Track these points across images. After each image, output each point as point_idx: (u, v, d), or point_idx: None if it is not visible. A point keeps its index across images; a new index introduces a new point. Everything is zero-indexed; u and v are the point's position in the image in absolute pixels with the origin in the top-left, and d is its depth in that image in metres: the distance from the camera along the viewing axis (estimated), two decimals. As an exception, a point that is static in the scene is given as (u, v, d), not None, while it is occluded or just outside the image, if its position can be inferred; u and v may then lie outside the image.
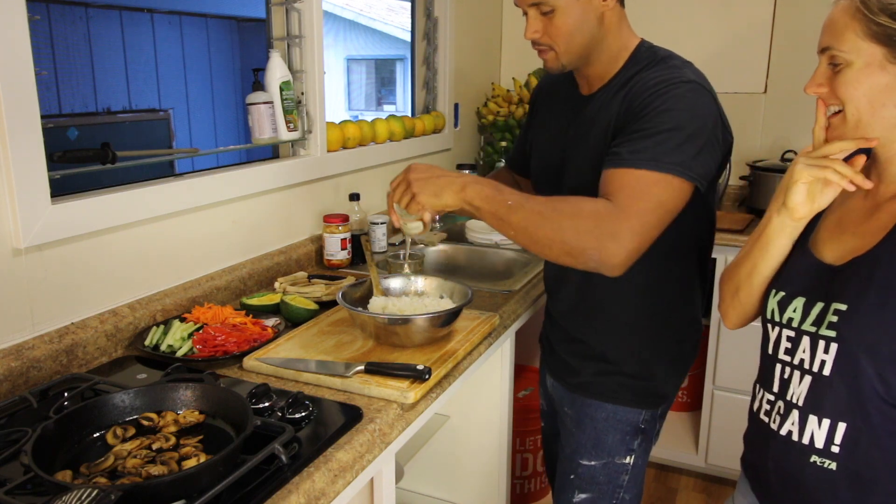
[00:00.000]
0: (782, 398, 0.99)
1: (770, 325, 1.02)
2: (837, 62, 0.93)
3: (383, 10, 8.75)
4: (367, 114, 6.21)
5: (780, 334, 1.00)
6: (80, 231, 1.32)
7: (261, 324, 1.46)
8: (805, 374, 0.96)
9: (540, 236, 1.12)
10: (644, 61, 1.27)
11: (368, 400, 1.17)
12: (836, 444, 0.93)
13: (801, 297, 0.98)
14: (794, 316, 0.98)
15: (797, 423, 0.96)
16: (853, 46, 0.91)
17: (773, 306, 1.02)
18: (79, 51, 4.16)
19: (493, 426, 1.81)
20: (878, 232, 0.93)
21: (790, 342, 0.98)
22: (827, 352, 0.93)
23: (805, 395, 0.95)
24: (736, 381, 2.46)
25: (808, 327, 0.96)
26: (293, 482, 0.94)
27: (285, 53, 1.87)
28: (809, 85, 0.98)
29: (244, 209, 1.75)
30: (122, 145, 1.47)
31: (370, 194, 2.23)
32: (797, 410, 0.96)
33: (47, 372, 1.24)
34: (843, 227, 1.00)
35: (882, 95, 0.91)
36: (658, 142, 1.13)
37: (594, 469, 1.42)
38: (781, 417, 0.99)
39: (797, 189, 0.96)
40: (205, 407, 1.07)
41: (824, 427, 0.94)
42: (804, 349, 0.96)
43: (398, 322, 1.32)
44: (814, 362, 0.94)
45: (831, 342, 0.92)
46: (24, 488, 0.87)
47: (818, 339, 0.94)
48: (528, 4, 1.25)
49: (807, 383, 0.95)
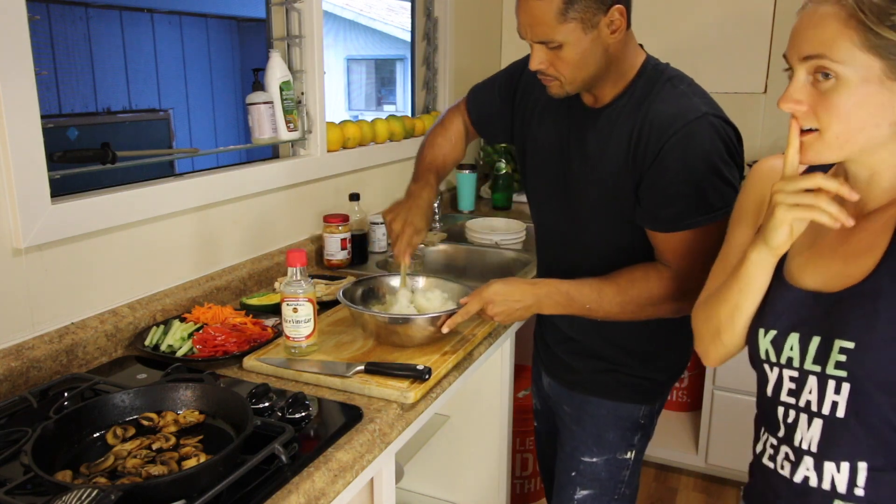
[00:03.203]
0: (789, 443, 0.91)
1: (767, 365, 0.94)
2: (828, 74, 0.82)
3: (383, 10, 8.75)
4: (367, 114, 6.21)
5: (781, 375, 0.92)
6: (80, 231, 1.32)
7: (261, 324, 1.46)
8: (814, 418, 0.88)
9: (625, 320, 1.30)
10: (652, 81, 1.25)
11: (368, 400, 1.17)
12: (858, 485, 0.86)
13: (795, 333, 0.90)
14: (792, 355, 0.90)
15: (812, 468, 0.89)
16: (850, 57, 0.81)
17: (767, 346, 0.93)
18: (79, 51, 4.16)
19: (493, 426, 1.81)
20: (864, 254, 0.87)
21: (794, 383, 0.90)
22: (838, 392, 0.85)
23: (818, 440, 0.88)
24: (736, 381, 2.46)
25: (812, 366, 0.88)
26: (293, 482, 0.94)
27: (285, 53, 1.87)
28: (785, 100, 0.86)
29: (244, 209, 1.75)
30: (122, 145, 1.47)
31: (370, 194, 2.23)
32: (810, 457, 0.89)
33: (47, 372, 1.24)
34: (818, 251, 0.93)
35: (876, 115, 0.82)
36: (695, 193, 1.19)
37: (596, 465, 1.43)
38: (793, 464, 0.91)
39: (782, 231, 0.87)
40: (205, 407, 1.07)
41: (844, 470, 0.87)
42: (811, 390, 0.88)
43: (398, 322, 1.32)
44: (823, 404, 0.87)
45: (842, 382, 0.85)
46: (24, 488, 0.87)
47: (826, 378, 0.86)
48: (536, 41, 1.21)
49: (818, 427, 0.88)
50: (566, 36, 1.17)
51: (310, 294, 1.27)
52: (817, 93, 0.83)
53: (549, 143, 1.39)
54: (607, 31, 1.19)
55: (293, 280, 1.27)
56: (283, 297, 1.27)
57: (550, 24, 1.17)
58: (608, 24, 1.18)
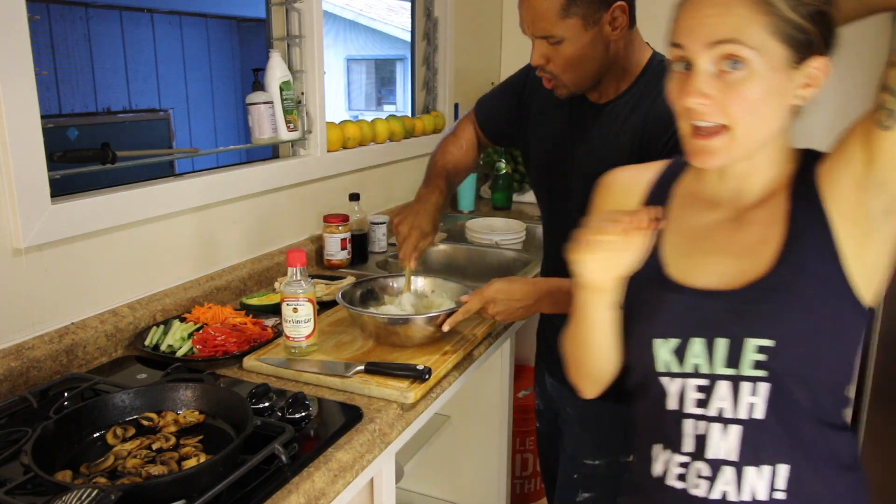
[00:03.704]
0: (701, 458, 0.85)
1: (667, 378, 0.86)
2: (737, 63, 0.77)
3: (383, 10, 8.75)
4: (367, 114, 6.21)
5: (685, 386, 0.85)
6: (80, 231, 1.32)
7: (261, 324, 1.46)
8: (730, 425, 0.83)
9: None
10: (658, 76, 1.25)
11: (368, 400, 1.17)
12: (778, 489, 0.83)
13: (698, 338, 0.84)
14: (699, 361, 0.84)
15: (732, 481, 0.84)
16: (762, 44, 0.76)
17: (667, 357, 0.86)
18: (79, 51, 4.16)
19: (493, 426, 1.81)
20: (758, 247, 0.84)
21: (702, 392, 0.84)
22: (755, 394, 0.81)
23: (738, 447, 0.83)
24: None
25: (724, 370, 0.82)
26: (293, 482, 0.94)
27: (285, 53, 1.87)
28: (691, 94, 0.78)
29: (244, 209, 1.75)
30: (122, 145, 1.47)
31: (370, 194, 2.23)
32: (730, 467, 0.83)
33: (47, 372, 1.24)
34: (704, 249, 0.88)
35: (779, 106, 0.80)
36: None
37: (599, 468, 1.43)
38: (710, 480, 0.85)
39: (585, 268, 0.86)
40: (205, 407, 1.07)
41: (765, 475, 0.83)
42: (722, 397, 0.83)
43: (398, 322, 1.32)
44: (738, 408, 0.82)
45: (760, 382, 0.81)
46: (24, 488, 0.87)
47: (741, 381, 0.82)
48: (537, 36, 1.22)
49: (736, 434, 0.83)
50: (566, 31, 1.18)
51: (310, 294, 1.27)
52: (724, 85, 0.78)
53: (553, 138, 1.40)
54: (609, 28, 1.20)
55: (293, 280, 1.27)
56: (283, 297, 1.27)
57: (552, 19, 1.18)
58: (610, 21, 1.20)
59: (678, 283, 0.87)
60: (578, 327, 0.94)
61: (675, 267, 0.89)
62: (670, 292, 0.87)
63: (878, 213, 0.79)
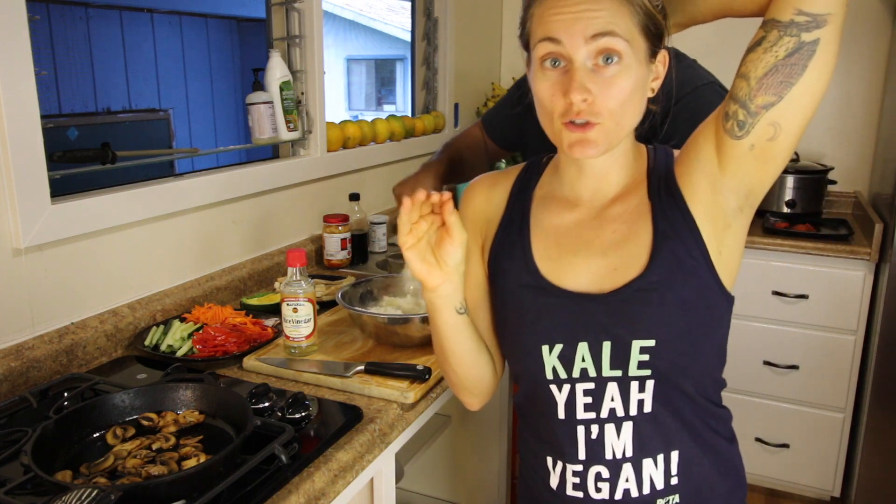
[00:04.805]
0: (599, 461, 0.86)
1: (555, 385, 0.86)
2: (611, 58, 0.77)
3: (383, 10, 8.75)
4: (367, 114, 6.21)
5: (574, 391, 0.85)
6: (80, 231, 1.32)
7: (261, 324, 1.46)
8: (622, 423, 0.84)
9: None
10: None
11: (368, 400, 1.17)
12: (673, 474, 0.85)
13: (583, 342, 0.84)
14: (586, 366, 0.84)
15: (632, 476, 0.85)
16: (632, 36, 0.78)
17: (554, 363, 0.85)
18: (79, 51, 4.16)
19: (493, 426, 1.81)
20: (624, 245, 0.85)
21: (590, 396, 0.84)
22: (643, 390, 0.83)
23: (631, 442, 0.84)
24: (729, 379, 2.46)
25: (611, 372, 0.83)
26: (293, 482, 0.94)
27: (285, 53, 1.87)
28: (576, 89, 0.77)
29: (244, 209, 1.75)
30: (122, 145, 1.47)
31: (370, 194, 2.23)
32: (628, 464, 0.85)
33: (47, 372, 1.24)
34: (570, 250, 0.88)
35: (642, 99, 0.82)
36: None
37: None
38: (610, 482, 0.86)
39: (411, 266, 0.85)
40: (205, 407, 1.07)
41: (660, 464, 0.85)
42: (612, 397, 0.84)
43: (398, 322, 1.32)
44: (629, 406, 0.84)
45: (646, 380, 0.82)
46: (24, 488, 0.87)
47: (629, 381, 0.83)
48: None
49: (628, 430, 0.84)
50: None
51: (310, 294, 1.27)
52: (601, 80, 0.78)
53: None
54: None
55: (293, 280, 1.27)
56: (283, 297, 1.27)
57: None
58: None
59: (556, 287, 0.87)
60: (434, 334, 0.94)
61: (547, 270, 0.89)
62: (550, 297, 0.87)
63: (732, 211, 0.83)
